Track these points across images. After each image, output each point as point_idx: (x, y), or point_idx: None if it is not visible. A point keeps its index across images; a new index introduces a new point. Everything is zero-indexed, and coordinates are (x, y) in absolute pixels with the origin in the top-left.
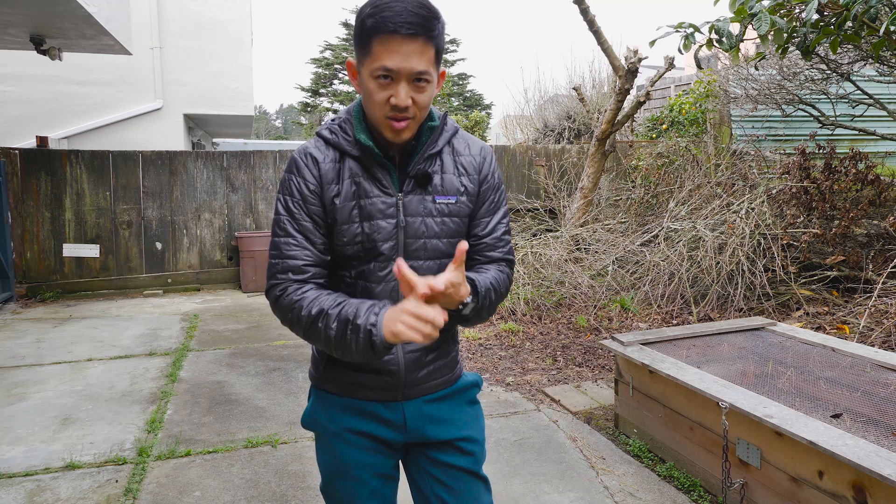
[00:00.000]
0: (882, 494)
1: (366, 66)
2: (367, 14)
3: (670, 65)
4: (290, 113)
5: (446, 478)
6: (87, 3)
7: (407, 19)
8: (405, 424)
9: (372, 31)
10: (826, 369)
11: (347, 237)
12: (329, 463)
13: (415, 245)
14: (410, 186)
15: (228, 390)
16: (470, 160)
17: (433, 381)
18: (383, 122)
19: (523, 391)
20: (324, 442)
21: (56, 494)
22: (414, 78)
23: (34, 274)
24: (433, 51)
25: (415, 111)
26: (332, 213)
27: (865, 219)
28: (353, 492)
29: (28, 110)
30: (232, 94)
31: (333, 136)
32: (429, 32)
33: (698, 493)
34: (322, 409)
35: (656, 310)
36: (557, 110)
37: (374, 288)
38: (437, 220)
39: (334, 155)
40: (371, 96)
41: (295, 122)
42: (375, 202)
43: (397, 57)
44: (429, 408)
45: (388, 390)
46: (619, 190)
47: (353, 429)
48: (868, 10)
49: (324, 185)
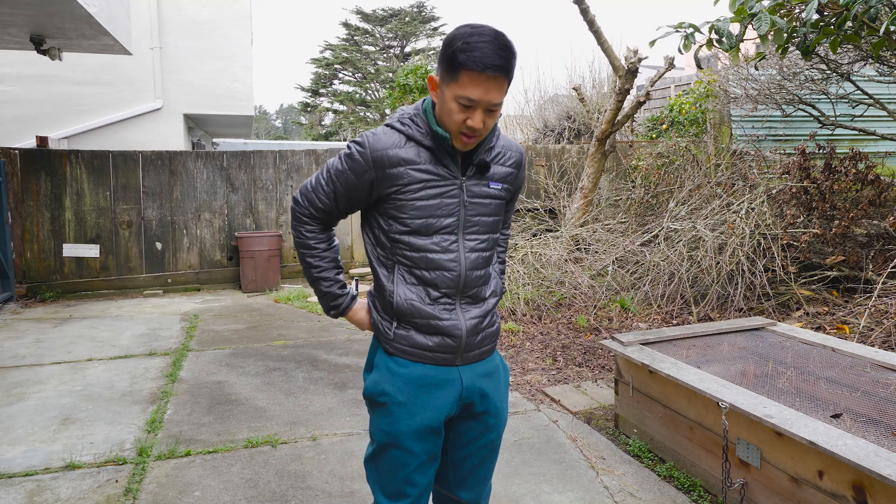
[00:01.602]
0: (882, 494)
1: (450, 89)
2: (459, 49)
3: (670, 65)
4: (290, 113)
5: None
6: (87, 3)
7: (494, 62)
8: (462, 383)
9: (462, 66)
10: (826, 369)
11: (416, 211)
12: (386, 433)
13: (472, 221)
14: (472, 172)
15: (228, 390)
16: (513, 156)
17: (484, 346)
18: (456, 134)
19: (523, 391)
20: (385, 412)
21: (56, 494)
22: (489, 108)
23: (34, 274)
24: (507, 84)
25: (483, 131)
26: (400, 188)
27: (865, 219)
28: (403, 462)
29: (28, 110)
30: (232, 94)
31: (406, 128)
32: (509, 72)
33: (698, 493)
34: (389, 380)
35: (656, 310)
36: (557, 110)
37: (438, 258)
38: (489, 201)
39: (404, 141)
40: (451, 114)
41: (295, 122)
42: (443, 184)
43: (480, 90)
44: (481, 369)
45: (450, 353)
46: (619, 190)
47: (417, 402)
48: (868, 10)
49: (387, 168)
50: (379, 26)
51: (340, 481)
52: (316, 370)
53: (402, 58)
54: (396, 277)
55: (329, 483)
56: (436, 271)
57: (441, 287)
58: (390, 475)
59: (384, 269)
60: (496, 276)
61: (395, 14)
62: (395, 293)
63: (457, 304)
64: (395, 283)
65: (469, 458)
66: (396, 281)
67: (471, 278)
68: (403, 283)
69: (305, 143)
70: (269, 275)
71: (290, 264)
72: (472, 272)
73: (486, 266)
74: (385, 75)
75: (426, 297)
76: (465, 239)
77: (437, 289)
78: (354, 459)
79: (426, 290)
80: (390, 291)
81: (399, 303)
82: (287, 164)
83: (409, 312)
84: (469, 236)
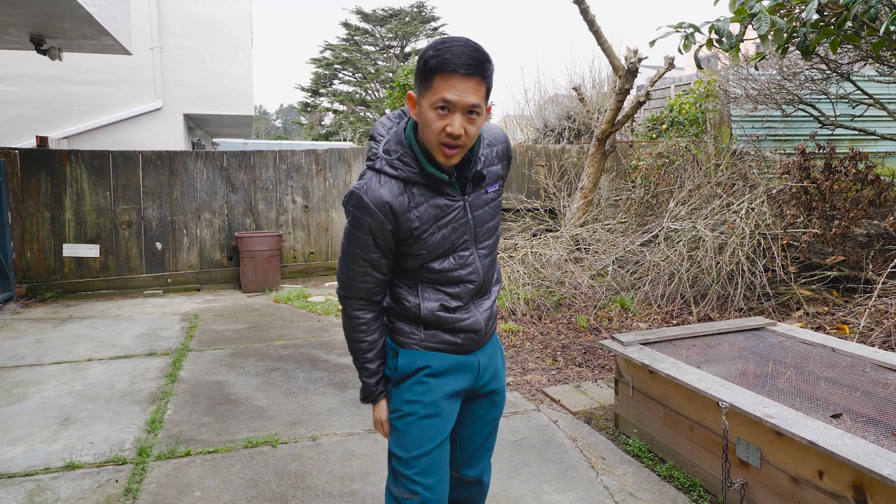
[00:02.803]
0: (882, 494)
1: (426, 99)
2: (430, 56)
3: (670, 65)
4: (290, 113)
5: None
6: (87, 3)
7: (465, 61)
8: (479, 368)
9: (434, 70)
10: (826, 369)
11: (432, 244)
12: (420, 403)
13: (480, 231)
14: (471, 188)
15: (228, 390)
16: (499, 148)
17: (493, 329)
18: (437, 147)
19: (523, 391)
20: (418, 381)
21: (56, 494)
22: (467, 110)
23: (34, 274)
24: (484, 88)
25: (465, 140)
26: (412, 232)
27: (865, 219)
28: (436, 431)
29: (28, 110)
30: (232, 94)
31: (400, 172)
32: (482, 73)
33: (698, 493)
34: (424, 358)
35: (656, 310)
36: (557, 110)
37: (459, 274)
38: (490, 206)
39: (401, 188)
40: (430, 125)
41: (295, 122)
42: (449, 212)
43: (455, 92)
44: (490, 350)
45: (474, 344)
46: (619, 190)
47: (450, 376)
48: (868, 10)
49: (399, 218)
50: (379, 26)
51: (340, 481)
52: (316, 370)
53: (402, 58)
54: (421, 293)
55: (329, 483)
56: (459, 285)
57: (463, 297)
58: (427, 446)
59: (405, 288)
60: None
61: (395, 14)
62: (420, 306)
63: (470, 303)
64: (419, 297)
65: (475, 437)
66: (421, 296)
67: (487, 280)
68: (428, 299)
69: (305, 143)
70: (269, 275)
71: (290, 264)
72: (487, 274)
73: (495, 263)
74: (385, 75)
75: (450, 306)
76: (478, 249)
77: (461, 299)
78: (355, 459)
79: (450, 300)
80: (415, 304)
81: (426, 315)
82: (287, 164)
83: (436, 321)
84: (481, 245)
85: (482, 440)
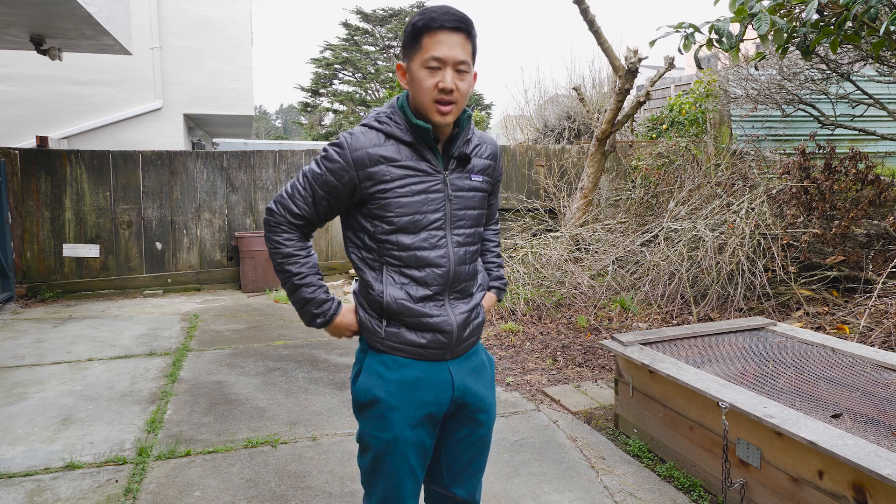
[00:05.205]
0: (882, 494)
1: (416, 60)
2: (417, 19)
3: (670, 65)
4: (290, 113)
5: (465, 447)
6: (87, 3)
7: (450, 18)
8: (453, 383)
9: (422, 29)
10: (826, 369)
11: (399, 207)
12: (378, 438)
13: (458, 215)
14: (454, 165)
15: (228, 390)
16: (489, 148)
17: (472, 338)
18: (431, 106)
19: (523, 391)
20: (379, 418)
21: (56, 494)
22: (457, 66)
23: (34, 274)
24: (471, 47)
25: (457, 96)
26: (381, 184)
27: (865, 219)
28: (396, 468)
29: (28, 110)
30: (232, 94)
31: (385, 126)
32: (468, 29)
33: (698, 493)
34: (380, 385)
35: (656, 310)
36: (557, 110)
37: (427, 255)
38: (473, 194)
39: (381, 140)
40: (421, 84)
41: (295, 122)
42: (426, 179)
43: (444, 47)
44: (469, 366)
45: (442, 349)
46: (619, 190)
47: (411, 404)
48: (868, 10)
49: (369, 167)
50: (379, 26)
51: (340, 481)
52: (316, 370)
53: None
54: (385, 278)
55: (329, 483)
56: (426, 269)
57: (431, 284)
58: (388, 480)
59: (371, 272)
60: (482, 270)
61: (395, 14)
62: (384, 293)
63: (446, 300)
64: (383, 283)
65: (462, 455)
66: (385, 281)
67: (460, 273)
68: (392, 284)
69: (305, 143)
70: (269, 275)
71: None
72: (460, 267)
73: (473, 261)
74: (385, 75)
75: (416, 296)
76: (452, 234)
77: (428, 286)
78: (354, 459)
79: (416, 288)
80: (379, 292)
81: (388, 302)
82: (287, 164)
83: (399, 312)
84: (456, 231)
85: (469, 459)
